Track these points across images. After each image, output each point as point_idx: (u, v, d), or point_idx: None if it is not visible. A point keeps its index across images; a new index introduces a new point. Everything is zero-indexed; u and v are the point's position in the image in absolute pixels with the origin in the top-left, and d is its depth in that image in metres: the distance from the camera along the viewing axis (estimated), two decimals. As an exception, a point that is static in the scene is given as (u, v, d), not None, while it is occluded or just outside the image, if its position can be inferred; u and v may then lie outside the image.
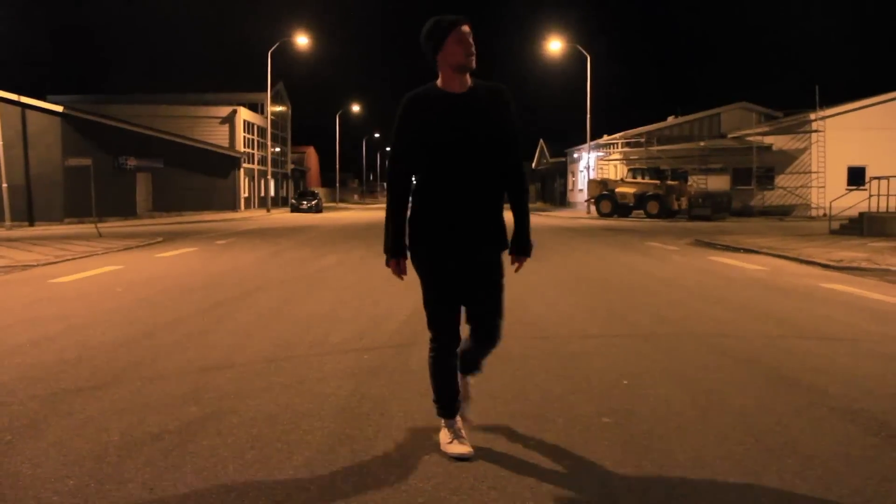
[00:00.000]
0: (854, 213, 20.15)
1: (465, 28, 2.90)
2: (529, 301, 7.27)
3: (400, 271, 3.05)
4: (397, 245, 3.01)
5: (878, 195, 20.05)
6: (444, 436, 3.14)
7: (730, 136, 37.92)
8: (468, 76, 2.97)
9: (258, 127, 52.63)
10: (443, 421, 3.18)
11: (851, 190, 24.24)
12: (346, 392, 4.05)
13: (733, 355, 5.04)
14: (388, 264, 3.05)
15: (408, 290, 4.82)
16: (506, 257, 3.12)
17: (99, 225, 21.56)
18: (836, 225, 20.54)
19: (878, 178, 20.90)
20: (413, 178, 3.03)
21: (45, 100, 27.99)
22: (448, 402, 3.15)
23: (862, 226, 18.99)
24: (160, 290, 8.45)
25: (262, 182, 51.49)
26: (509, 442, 3.28)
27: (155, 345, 5.31)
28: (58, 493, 2.71)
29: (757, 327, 6.12)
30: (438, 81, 2.98)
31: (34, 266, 11.17)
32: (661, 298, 7.84)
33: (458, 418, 3.19)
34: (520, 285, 7.39)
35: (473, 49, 2.91)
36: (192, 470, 2.93)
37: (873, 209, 20.03)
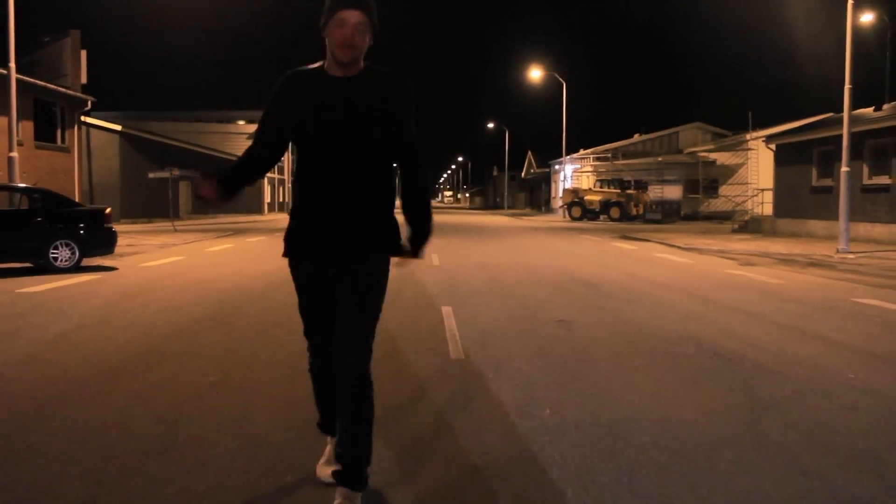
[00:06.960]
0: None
1: (350, 15, 2.47)
2: (478, 255, 13.87)
3: (207, 192, 2.60)
4: (211, 174, 2.61)
5: (762, 203, 26.70)
6: (324, 455, 2.99)
7: (685, 151, 44.66)
8: (361, 61, 2.58)
9: (276, 140, 59.02)
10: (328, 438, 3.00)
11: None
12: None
13: (563, 273, 11.63)
14: (197, 191, 2.62)
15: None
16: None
17: (154, 224, 28.14)
18: (736, 226, 27.21)
19: (762, 190, 27.53)
20: (268, 156, 2.75)
21: (89, 116, 34.06)
22: (325, 419, 2.98)
23: (748, 226, 25.67)
24: (276, 253, 14.96)
25: (282, 189, 58.22)
26: (441, 292, 9.89)
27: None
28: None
29: (590, 268, 12.70)
30: (325, 62, 2.63)
31: (179, 244, 17.71)
32: (549, 257, 14.43)
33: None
34: (475, 251, 14.37)
35: (353, 40, 2.48)
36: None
37: (767, 214, 26.75)
